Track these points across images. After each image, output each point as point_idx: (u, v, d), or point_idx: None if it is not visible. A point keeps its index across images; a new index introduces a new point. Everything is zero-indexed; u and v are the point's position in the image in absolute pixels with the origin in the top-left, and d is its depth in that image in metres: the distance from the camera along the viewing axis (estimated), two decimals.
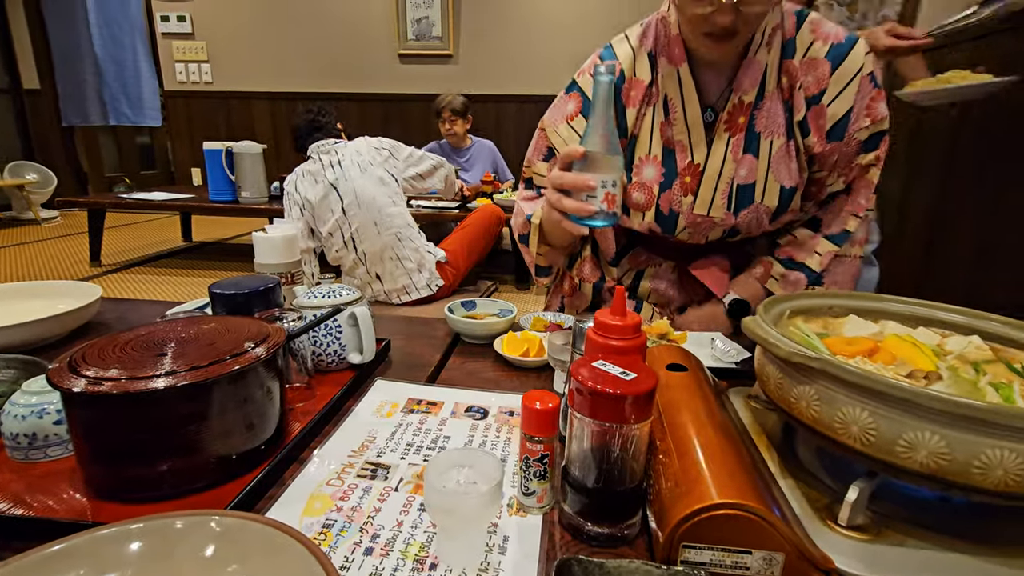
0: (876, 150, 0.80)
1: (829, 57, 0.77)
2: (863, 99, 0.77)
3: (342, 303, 0.68)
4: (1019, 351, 0.49)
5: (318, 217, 1.93)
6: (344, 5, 4.48)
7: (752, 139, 0.81)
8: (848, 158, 0.80)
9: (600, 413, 0.41)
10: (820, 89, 0.77)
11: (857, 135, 0.78)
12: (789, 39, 0.78)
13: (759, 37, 0.77)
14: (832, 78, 0.77)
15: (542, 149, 0.93)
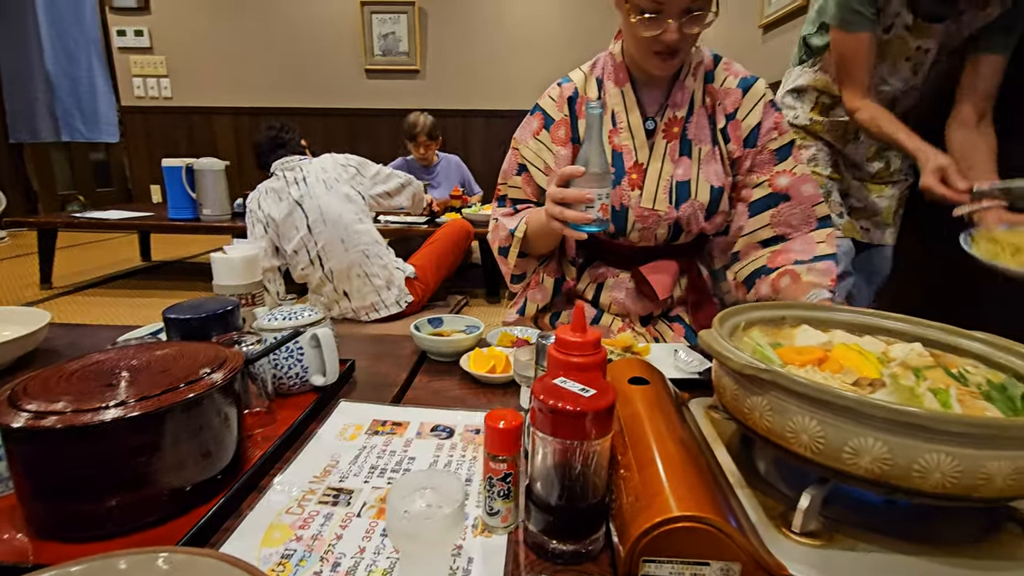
0: (789, 157, 0.97)
1: (739, 86, 0.97)
2: (769, 118, 0.96)
3: (303, 324, 0.67)
4: (957, 357, 0.51)
5: (282, 235, 1.90)
6: (309, 20, 4.46)
7: (686, 144, 0.98)
8: (764, 163, 0.97)
9: (561, 431, 0.42)
10: (735, 108, 0.97)
11: (769, 145, 0.97)
12: (709, 71, 0.98)
13: (687, 69, 0.96)
14: (744, 100, 0.96)
15: (515, 165, 1.05)
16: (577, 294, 1.12)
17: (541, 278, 1.08)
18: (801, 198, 0.96)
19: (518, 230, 1.00)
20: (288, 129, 2.01)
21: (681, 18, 0.83)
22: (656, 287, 1.02)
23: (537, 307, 1.10)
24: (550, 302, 1.11)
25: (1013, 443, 0.35)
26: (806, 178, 0.96)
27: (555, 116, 1.01)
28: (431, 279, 2.19)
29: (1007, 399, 0.43)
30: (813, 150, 1.39)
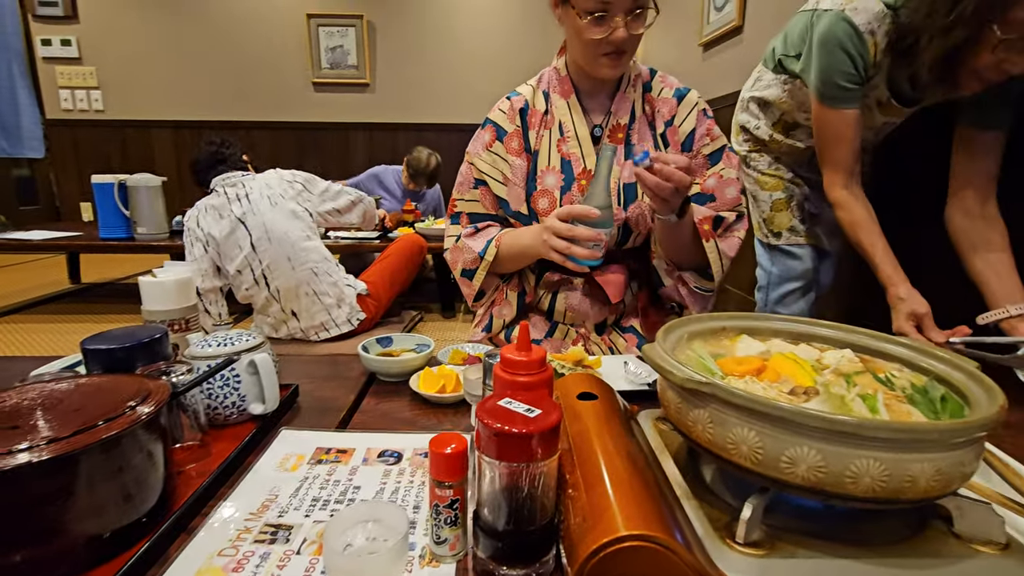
0: (721, 162, 1.02)
1: (675, 96, 1.03)
2: (702, 125, 1.02)
3: (239, 350, 0.64)
4: (884, 361, 0.54)
5: (224, 254, 1.82)
6: (254, 31, 4.34)
7: (629, 149, 1.02)
8: (698, 166, 1.02)
9: (507, 453, 0.41)
10: (672, 115, 1.02)
11: (703, 150, 1.02)
12: (646, 82, 1.04)
13: (626, 81, 1.02)
14: (679, 108, 1.02)
15: (471, 179, 1.07)
16: (533, 305, 1.13)
17: (505, 294, 1.09)
18: (724, 200, 1.02)
19: (488, 253, 1.02)
20: (228, 144, 1.94)
21: (627, 16, 0.88)
22: (608, 291, 1.05)
23: (504, 322, 1.10)
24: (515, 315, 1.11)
25: (933, 446, 0.36)
26: (731, 181, 1.02)
27: (507, 128, 1.04)
28: (384, 295, 2.14)
29: (928, 401, 0.45)
30: (773, 156, 1.37)
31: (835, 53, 1.01)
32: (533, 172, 1.03)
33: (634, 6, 0.88)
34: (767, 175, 1.36)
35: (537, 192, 1.02)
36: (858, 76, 1.02)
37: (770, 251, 1.41)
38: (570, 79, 1.02)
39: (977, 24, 0.82)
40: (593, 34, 0.89)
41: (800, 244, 1.35)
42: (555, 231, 0.86)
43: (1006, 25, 0.80)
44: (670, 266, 1.06)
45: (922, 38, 0.89)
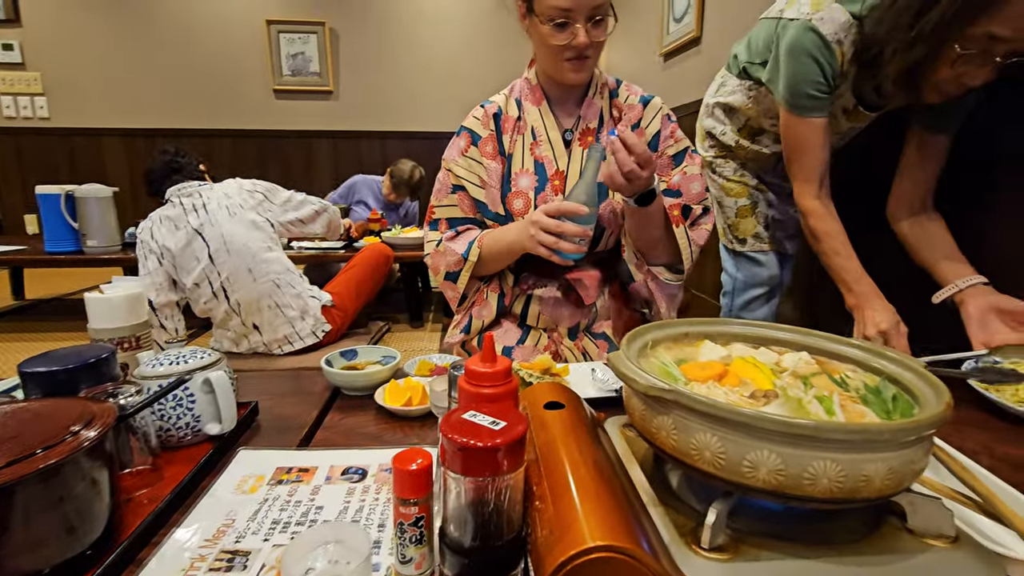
0: (685, 162, 1.07)
1: (640, 102, 1.08)
2: (667, 128, 1.07)
3: (192, 369, 0.61)
4: (839, 363, 0.55)
5: (180, 267, 1.75)
6: (212, 37, 4.23)
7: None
8: (663, 167, 1.07)
9: (472, 468, 0.40)
10: (638, 119, 1.07)
11: (667, 151, 1.07)
12: (613, 90, 1.09)
13: (594, 88, 1.06)
14: (645, 112, 1.07)
15: (448, 185, 1.08)
16: (507, 311, 1.13)
17: (486, 295, 1.11)
18: (690, 194, 1.05)
19: (471, 254, 1.03)
20: (183, 153, 1.88)
21: (587, 23, 0.92)
22: (582, 293, 1.07)
23: (483, 323, 1.11)
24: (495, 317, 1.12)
25: (885, 446, 0.38)
26: (695, 177, 1.06)
27: (482, 133, 1.07)
28: (350, 306, 2.10)
29: (881, 401, 0.47)
30: (739, 162, 1.38)
31: (803, 63, 1.02)
32: (507, 175, 1.06)
33: (594, 13, 0.92)
34: (732, 181, 1.39)
35: (512, 194, 1.06)
36: (826, 85, 1.03)
37: (735, 257, 1.43)
38: (541, 88, 1.07)
39: (937, 40, 0.84)
40: (556, 40, 0.94)
41: (764, 250, 1.38)
42: (543, 226, 0.88)
43: (964, 41, 0.82)
44: (640, 260, 1.08)
45: (886, 50, 0.91)
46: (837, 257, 1.06)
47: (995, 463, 0.64)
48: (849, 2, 0.97)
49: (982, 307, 0.95)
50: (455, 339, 1.14)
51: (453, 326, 1.16)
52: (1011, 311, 0.93)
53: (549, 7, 0.92)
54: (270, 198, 1.92)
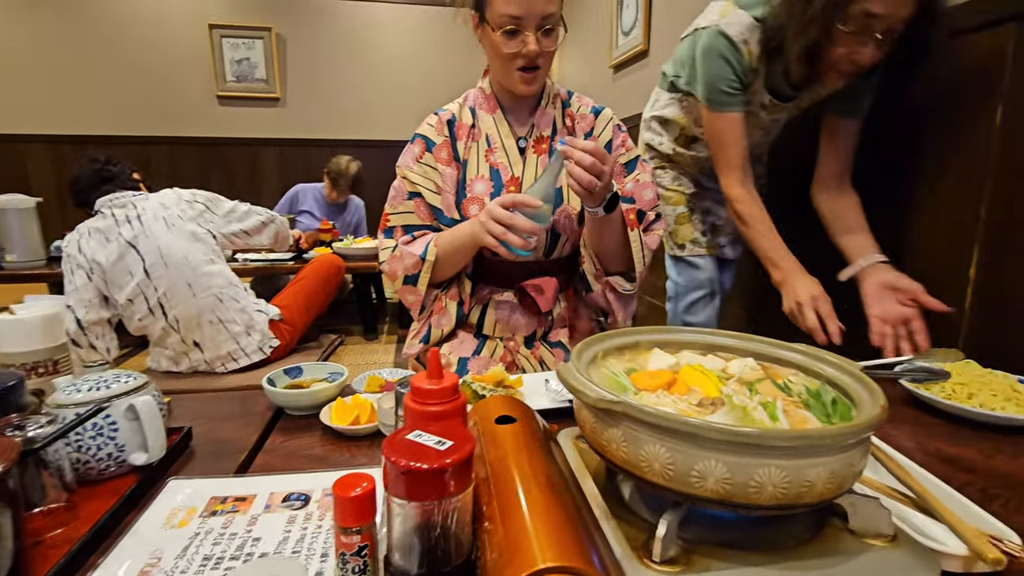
0: (636, 170, 1.10)
1: (591, 112, 1.11)
2: (618, 137, 1.10)
3: (115, 394, 0.57)
4: (781, 367, 0.57)
5: (111, 282, 1.64)
6: (148, 41, 4.04)
7: None
8: (616, 174, 1.08)
9: (417, 492, 0.38)
10: (591, 128, 1.10)
11: (619, 159, 1.10)
12: (565, 100, 1.11)
13: (546, 98, 1.08)
14: (596, 121, 1.10)
15: (404, 192, 1.07)
16: (463, 320, 1.11)
17: (444, 302, 1.09)
18: (643, 200, 1.08)
19: (428, 254, 1.02)
20: (114, 161, 1.77)
21: (537, 32, 0.93)
22: (539, 300, 1.07)
23: (443, 332, 1.09)
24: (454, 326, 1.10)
25: (826, 450, 0.38)
26: (647, 185, 1.09)
27: (436, 140, 1.06)
28: (299, 320, 2.03)
29: (821, 405, 0.48)
30: (677, 171, 1.45)
31: (716, 62, 1.13)
32: (463, 181, 1.07)
33: (544, 23, 0.94)
34: (671, 190, 1.45)
35: (467, 200, 1.06)
36: (738, 82, 1.14)
37: (676, 262, 1.50)
38: (495, 96, 1.08)
39: (827, 21, 0.94)
40: (507, 48, 0.95)
41: (702, 255, 1.45)
42: (495, 216, 0.88)
43: (847, 20, 0.93)
44: (598, 270, 1.09)
45: (787, 37, 1.02)
46: (763, 239, 1.17)
47: (928, 458, 0.67)
48: (753, 7, 1.09)
49: (879, 284, 1.06)
50: (414, 349, 1.12)
51: (412, 336, 1.14)
52: (904, 289, 1.03)
53: (500, 15, 0.93)
54: (212, 208, 1.83)
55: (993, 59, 0.98)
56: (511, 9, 0.91)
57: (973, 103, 1.03)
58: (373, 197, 3.36)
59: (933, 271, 1.11)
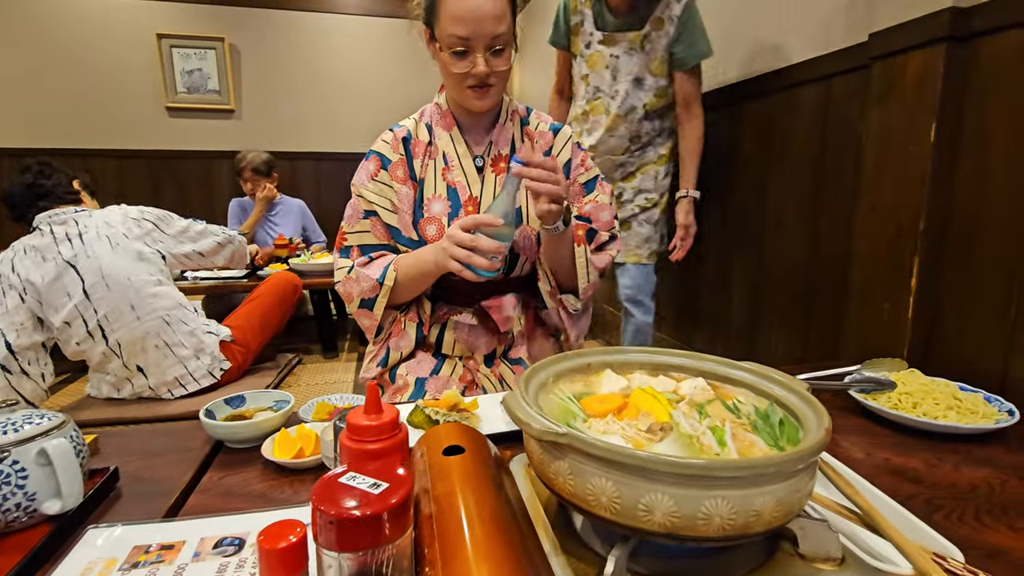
0: (596, 190, 1.10)
1: (551, 130, 1.09)
2: (577, 156, 1.09)
3: (23, 438, 0.52)
4: (731, 387, 0.56)
5: (47, 303, 1.54)
6: (92, 50, 3.87)
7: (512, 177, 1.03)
8: (575, 195, 1.09)
9: (348, 542, 0.36)
10: (549, 146, 1.08)
11: (579, 179, 1.09)
12: (523, 117, 1.10)
13: (504, 115, 1.06)
14: (555, 140, 1.09)
15: (359, 211, 1.04)
16: (422, 341, 1.08)
17: (403, 324, 1.06)
18: (600, 222, 1.08)
19: (387, 278, 0.99)
20: (49, 172, 1.65)
21: (487, 52, 0.91)
22: (498, 319, 1.05)
23: (401, 355, 1.06)
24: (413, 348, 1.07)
25: (772, 478, 0.38)
26: (605, 207, 1.09)
27: (392, 157, 1.03)
28: (253, 341, 1.95)
29: (769, 427, 0.48)
30: None
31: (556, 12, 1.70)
32: (420, 200, 1.04)
33: (493, 44, 0.91)
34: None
35: (424, 219, 1.03)
36: (563, 24, 1.71)
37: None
38: (451, 113, 1.05)
39: None
40: (456, 68, 0.93)
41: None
42: (457, 240, 0.86)
43: None
44: (553, 288, 1.07)
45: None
46: None
47: (877, 469, 0.68)
48: None
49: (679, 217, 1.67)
50: (371, 373, 1.08)
51: (369, 359, 1.10)
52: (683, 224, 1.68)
53: (447, 35, 0.90)
54: (162, 227, 1.74)
55: (927, 77, 1.03)
56: (458, 30, 0.89)
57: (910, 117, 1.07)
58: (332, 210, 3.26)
59: (875, 279, 1.15)
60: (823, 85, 1.43)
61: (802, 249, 1.54)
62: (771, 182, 1.66)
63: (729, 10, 1.84)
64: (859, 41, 1.29)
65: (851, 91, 1.35)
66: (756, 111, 1.72)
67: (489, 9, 0.88)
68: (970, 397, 0.80)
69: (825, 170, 1.44)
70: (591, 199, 1.09)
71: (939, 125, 1.01)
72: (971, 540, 0.53)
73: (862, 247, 1.18)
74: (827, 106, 1.43)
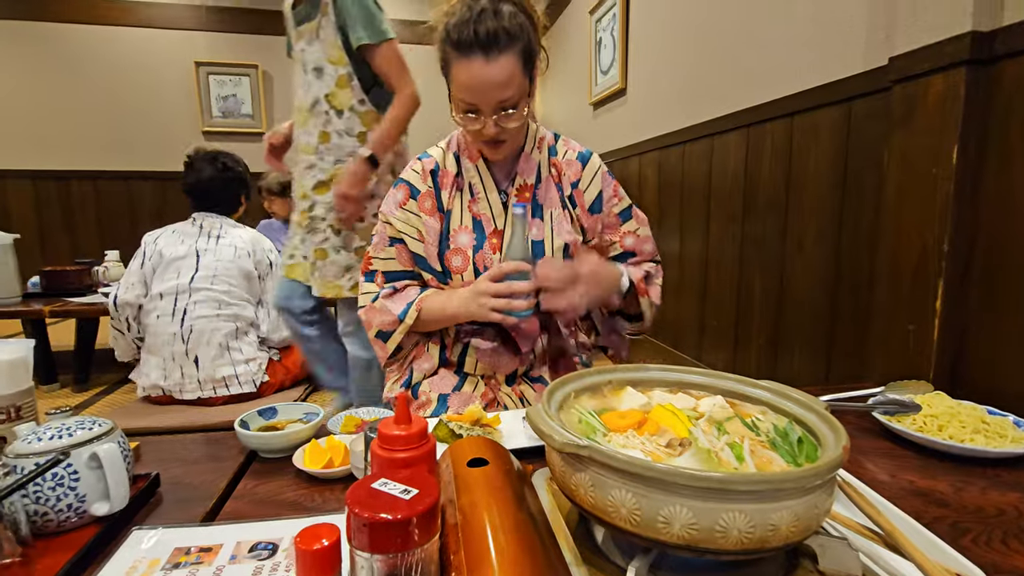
0: (631, 219, 1.10)
1: (579, 159, 1.08)
2: (608, 186, 1.08)
3: (77, 443, 0.55)
4: (750, 405, 0.57)
5: (159, 273, 1.69)
6: (134, 77, 4.08)
7: (537, 208, 1.06)
8: (612, 225, 1.09)
9: (380, 544, 0.38)
10: (577, 178, 1.07)
11: (613, 209, 1.09)
12: (551, 146, 1.09)
13: (531, 143, 1.05)
14: (584, 172, 1.07)
15: (386, 239, 1.06)
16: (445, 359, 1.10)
17: (427, 347, 1.09)
18: (644, 254, 1.11)
19: (408, 316, 1.01)
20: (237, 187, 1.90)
21: (494, 115, 0.91)
22: (519, 342, 1.06)
23: (424, 375, 1.09)
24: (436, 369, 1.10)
25: (789, 493, 0.39)
26: (647, 239, 1.11)
27: (420, 188, 1.04)
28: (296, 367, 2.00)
29: (788, 444, 0.49)
30: None
31: None
32: (446, 231, 1.04)
33: (500, 107, 0.91)
34: None
35: (450, 251, 1.04)
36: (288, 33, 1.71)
37: None
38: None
39: None
40: (468, 127, 0.95)
41: None
42: (492, 293, 0.90)
43: None
44: (603, 316, 1.11)
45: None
46: None
47: (901, 491, 0.67)
48: None
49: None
50: (393, 393, 1.10)
51: (392, 380, 1.13)
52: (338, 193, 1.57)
53: (457, 98, 0.92)
54: (267, 279, 1.84)
55: (948, 100, 1.03)
56: (465, 96, 0.90)
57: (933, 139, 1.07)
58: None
59: (899, 301, 1.13)
60: (844, 107, 1.44)
61: (824, 270, 1.53)
62: (791, 202, 1.66)
63: (746, 33, 1.86)
64: (879, 64, 1.29)
65: (872, 113, 1.35)
66: (776, 132, 1.73)
67: (494, 77, 0.88)
68: (998, 421, 0.78)
69: (846, 191, 1.44)
70: (630, 230, 1.10)
71: (962, 147, 1.01)
72: (998, 565, 0.53)
73: (886, 268, 1.17)
74: (848, 128, 1.43)
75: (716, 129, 2.03)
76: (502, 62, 0.88)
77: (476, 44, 0.87)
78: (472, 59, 0.88)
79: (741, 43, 1.90)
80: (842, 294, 1.46)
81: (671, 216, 2.45)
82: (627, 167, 2.83)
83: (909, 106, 1.11)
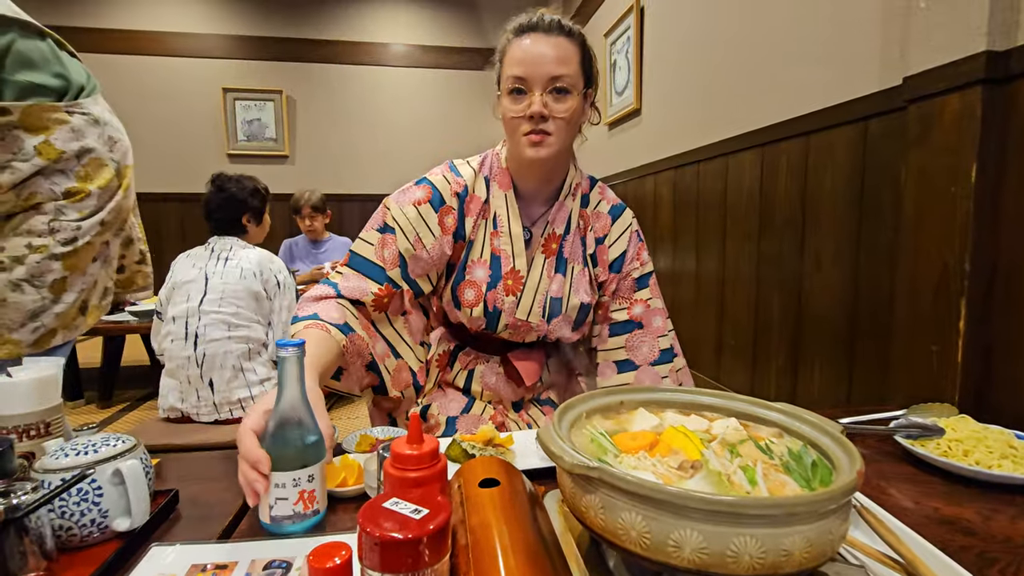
0: (647, 287, 1.05)
1: (610, 213, 1.05)
2: (634, 247, 1.05)
3: (101, 459, 0.57)
4: (763, 427, 0.57)
5: (172, 298, 1.75)
6: (162, 102, 4.24)
7: (561, 263, 1.02)
8: (626, 290, 1.05)
9: (391, 564, 0.38)
10: (604, 233, 1.04)
11: (632, 272, 1.05)
12: (585, 194, 1.05)
13: (567, 188, 1.01)
14: (612, 227, 1.04)
15: (380, 222, 0.97)
16: (448, 382, 1.10)
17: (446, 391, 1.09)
18: (651, 328, 1.05)
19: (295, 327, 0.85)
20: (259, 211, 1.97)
21: (544, 92, 0.88)
22: (523, 373, 1.05)
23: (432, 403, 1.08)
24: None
25: (801, 518, 0.38)
26: (657, 311, 1.06)
27: (446, 200, 0.98)
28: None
29: (802, 468, 0.48)
30: None
31: None
32: (464, 261, 1.00)
33: (551, 84, 0.88)
34: None
35: (464, 283, 1.00)
36: None
37: None
38: (509, 174, 1.00)
39: None
40: (513, 110, 0.90)
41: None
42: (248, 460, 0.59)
43: None
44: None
45: None
46: None
47: (926, 519, 0.65)
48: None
49: None
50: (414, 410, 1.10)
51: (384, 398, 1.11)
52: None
53: (507, 77, 0.90)
54: (275, 298, 1.88)
55: (965, 119, 1.02)
56: (516, 70, 0.88)
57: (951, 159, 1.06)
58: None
59: (921, 321, 1.11)
60: (859, 126, 1.44)
61: (843, 289, 1.51)
62: (808, 221, 1.65)
63: (760, 54, 1.88)
64: (894, 84, 1.29)
65: (888, 132, 1.34)
66: (791, 151, 1.73)
67: (549, 51, 0.87)
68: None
69: (864, 210, 1.43)
70: (642, 298, 1.05)
71: (980, 166, 1.00)
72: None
73: (906, 287, 1.15)
74: (864, 147, 1.43)
75: (731, 148, 2.04)
76: (561, 41, 0.89)
77: (539, 26, 0.89)
78: (531, 35, 0.89)
79: (754, 63, 1.91)
80: (862, 314, 1.44)
81: (686, 234, 2.45)
82: (642, 186, 2.84)
83: (925, 125, 1.10)
